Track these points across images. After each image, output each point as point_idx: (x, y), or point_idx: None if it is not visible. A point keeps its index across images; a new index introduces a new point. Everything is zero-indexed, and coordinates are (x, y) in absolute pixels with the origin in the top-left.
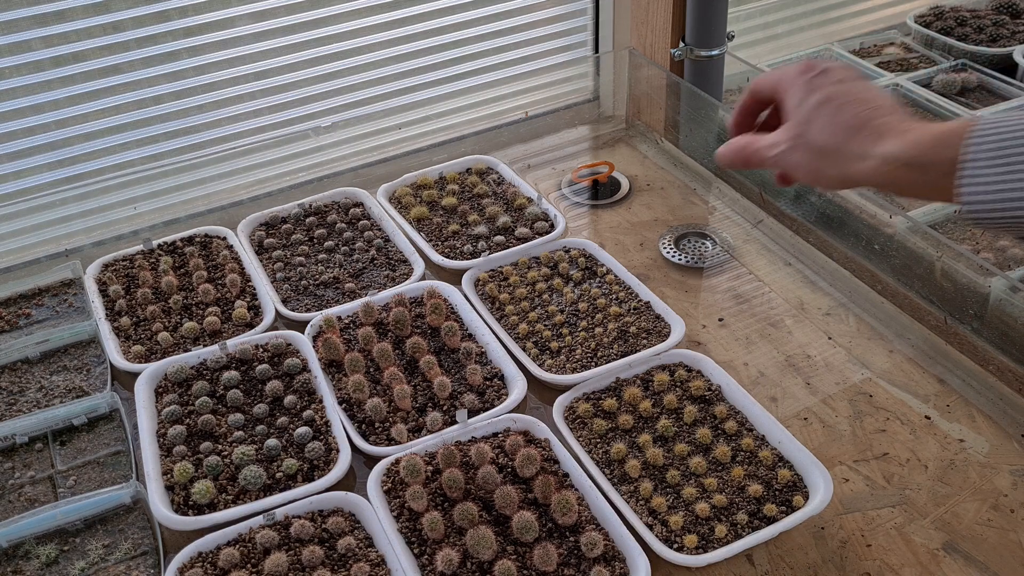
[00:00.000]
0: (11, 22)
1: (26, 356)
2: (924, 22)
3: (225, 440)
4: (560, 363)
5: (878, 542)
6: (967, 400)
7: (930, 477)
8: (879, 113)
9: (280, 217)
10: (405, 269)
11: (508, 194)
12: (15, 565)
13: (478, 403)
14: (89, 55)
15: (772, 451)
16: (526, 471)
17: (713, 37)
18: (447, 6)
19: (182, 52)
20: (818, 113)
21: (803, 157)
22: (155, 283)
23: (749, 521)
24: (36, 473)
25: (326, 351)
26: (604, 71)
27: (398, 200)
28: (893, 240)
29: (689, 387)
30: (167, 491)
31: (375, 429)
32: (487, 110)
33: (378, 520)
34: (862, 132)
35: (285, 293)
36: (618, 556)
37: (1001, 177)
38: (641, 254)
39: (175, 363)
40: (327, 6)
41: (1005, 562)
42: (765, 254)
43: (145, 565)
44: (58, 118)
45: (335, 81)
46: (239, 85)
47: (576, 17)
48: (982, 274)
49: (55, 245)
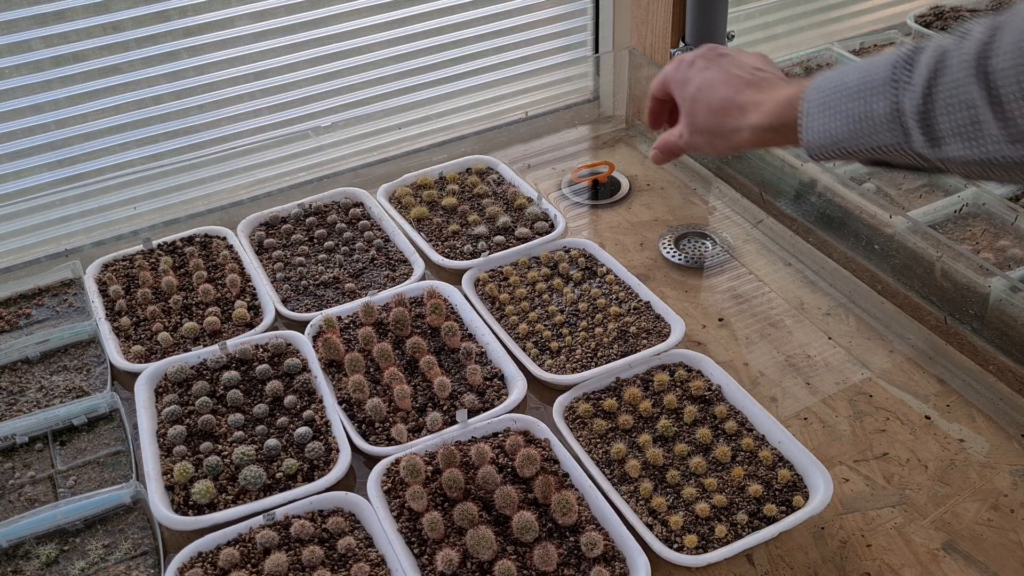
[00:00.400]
0: (11, 22)
1: (26, 356)
2: (924, 22)
3: (225, 440)
4: (560, 363)
5: (878, 542)
6: (967, 400)
7: (930, 477)
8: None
9: (280, 217)
10: (405, 269)
11: (508, 194)
12: (15, 565)
13: (478, 403)
14: (89, 55)
15: (772, 451)
16: (526, 471)
17: (713, 37)
18: (447, 6)
19: (182, 52)
20: (695, 104)
21: (700, 139)
22: (155, 283)
23: (749, 521)
24: (36, 473)
25: (326, 351)
26: (604, 71)
27: (398, 200)
28: (893, 240)
29: (689, 387)
30: (167, 491)
31: (375, 429)
32: (487, 110)
33: (378, 520)
34: (731, 111)
35: (285, 293)
36: (618, 556)
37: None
38: (641, 254)
39: (175, 363)
40: (327, 6)
41: (1005, 562)
42: (765, 254)
43: (145, 565)
44: (58, 118)
45: (335, 81)
46: (239, 85)
47: (576, 17)
48: (982, 274)
49: (55, 245)
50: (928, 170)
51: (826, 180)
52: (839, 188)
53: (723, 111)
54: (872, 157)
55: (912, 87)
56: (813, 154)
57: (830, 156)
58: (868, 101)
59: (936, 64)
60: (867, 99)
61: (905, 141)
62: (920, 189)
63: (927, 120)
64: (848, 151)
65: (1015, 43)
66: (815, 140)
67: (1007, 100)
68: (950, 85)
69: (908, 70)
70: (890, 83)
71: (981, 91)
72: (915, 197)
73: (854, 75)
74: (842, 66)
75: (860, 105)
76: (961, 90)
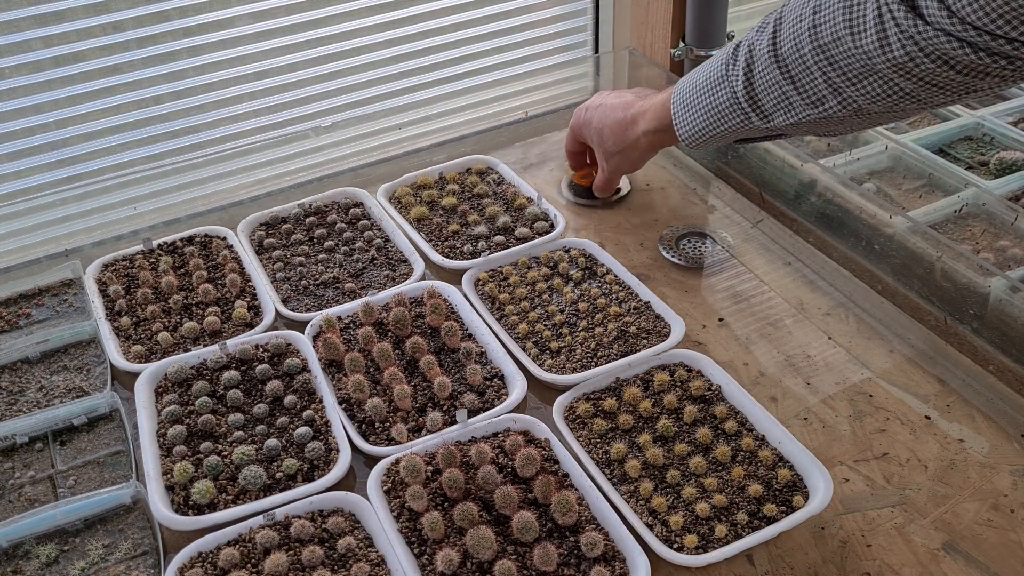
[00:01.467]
0: (11, 22)
1: (26, 356)
2: None
3: (225, 440)
4: (560, 363)
5: (878, 542)
6: (967, 400)
7: (930, 477)
8: (628, 108)
9: (280, 217)
10: (405, 269)
11: (508, 194)
12: (15, 565)
13: (478, 403)
14: (89, 55)
15: (772, 451)
16: (526, 471)
17: (713, 37)
18: (447, 6)
19: (182, 52)
20: (601, 133)
21: (615, 160)
22: (155, 283)
23: (749, 521)
24: (36, 473)
25: (326, 351)
26: (604, 71)
27: (398, 200)
28: (893, 240)
29: (689, 387)
30: (167, 491)
31: (375, 429)
32: (487, 110)
33: (378, 520)
34: (627, 126)
35: (285, 293)
36: (618, 556)
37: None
38: (641, 254)
39: (175, 363)
40: (327, 6)
41: (1005, 562)
42: (765, 254)
43: (145, 565)
44: (58, 118)
45: (335, 81)
46: (239, 85)
47: (576, 17)
48: (982, 274)
49: (55, 245)
50: (776, 137)
51: (826, 180)
52: (839, 188)
53: (621, 127)
54: (734, 137)
55: (737, 78)
56: (689, 144)
57: (703, 144)
58: (714, 94)
59: (747, 57)
60: (713, 93)
61: (747, 120)
62: (920, 189)
63: (755, 101)
64: (713, 136)
65: (791, 32)
66: (686, 133)
67: (796, 76)
68: (760, 72)
69: (733, 64)
70: (724, 77)
71: (779, 74)
72: (915, 197)
73: (702, 74)
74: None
75: (710, 99)
76: (768, 75)
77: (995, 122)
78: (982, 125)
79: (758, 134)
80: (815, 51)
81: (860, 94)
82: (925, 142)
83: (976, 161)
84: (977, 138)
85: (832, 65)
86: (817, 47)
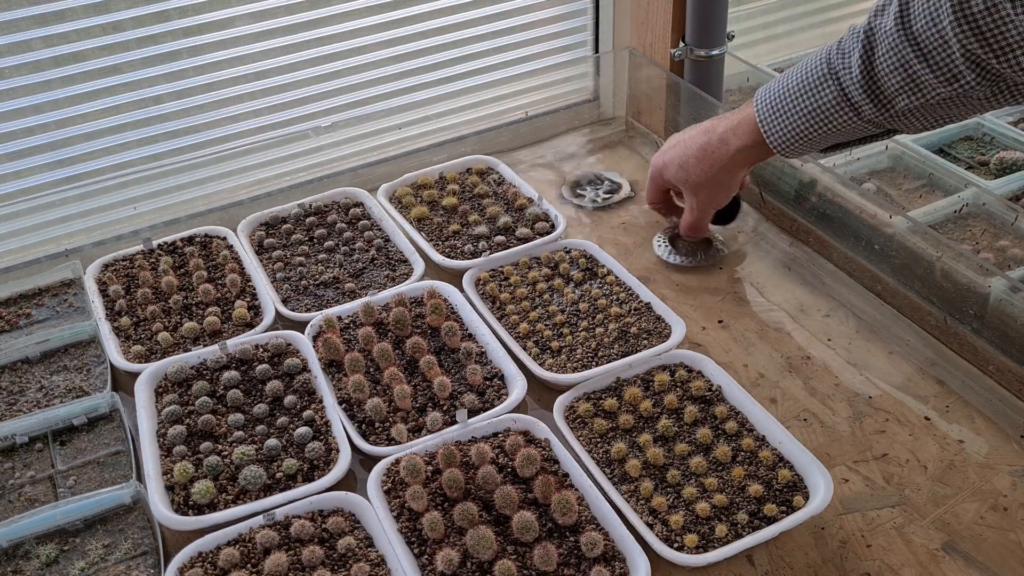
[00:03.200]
0: (11, 22)
1: (26, 356)
2: None
3: (225, 440)
4: (561, 363)
5: (878, 542)
6: (966, 401)
7: (930, 478)
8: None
9: (280, 217)
10: (405, 269)
11: (508, 194)
12: (15, 565)
13: (478, 403)
14: (89, 55)
15: (772, 451)
16: (526, 471)
17: (713, 37)
18: (447, 6)
19: (182, 52)
20: (683, 169)
21: (704, 194)
22: (155, 283)
23: (749, 521)
24: (36, 473)
25: (326, 351)
26: (604, 71)
27: (398, 200)
28: (893, 240)
29: (689, 387)
30: (167, 491)
31: (375, 429)
32: (487, 110)
33: (378, 520)
34: (713, 149)
35: (285, 293)
36: (618, 556)
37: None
38: (641, 255)
39: (175, 363)
40: (327, 6)
41: (1005, 562)
42: (765, 255)
43: (145, 565)
44: (58, 118)
45: (335, 81)
46: (239, 85)
47: (576, 17)
48: (982, 274)
49: (55, 245)
50: (878, 136)
51: (826, 180)
52: (839, 188)
53: (708, 152)
54: (830, 142)
55: (851, 70)
56: (784, 152)
57: (799, 150)
58: (813, 96)
59: (865, 43)
60: (811, 94)
61: (854, 116)
62: (920, 189)
63: (873, 88)
64: (811, 140)
65: (925, 7)
66: (779, 141)
67: (930, 52)
68: (884, 54)
69: (840, 57)
70: (830, 75)
71: (911, 51)
72: (915, 197)
73: (793, 79)
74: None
75: (808, 101)
76: (893, 55)
77: (995, 122)
78: (982, 125)
79: (859, 133)
80: (958, 22)
81: (1008, 66)
82: (925, 142)
83: (976, 161)
84: (977, 138)
85: (978, 37)
86: (962, 17)
